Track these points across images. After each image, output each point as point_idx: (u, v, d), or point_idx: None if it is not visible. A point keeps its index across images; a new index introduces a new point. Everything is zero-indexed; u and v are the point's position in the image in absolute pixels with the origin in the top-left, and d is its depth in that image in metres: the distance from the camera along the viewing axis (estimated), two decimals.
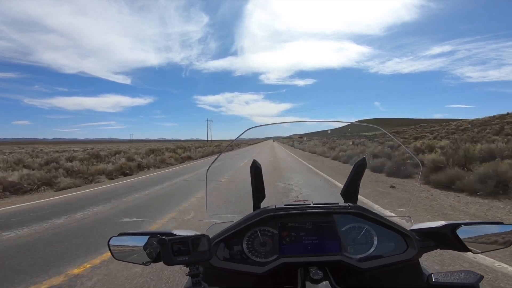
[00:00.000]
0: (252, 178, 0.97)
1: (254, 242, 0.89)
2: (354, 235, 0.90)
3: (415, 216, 4.46)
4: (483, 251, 0.85)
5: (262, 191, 1.00)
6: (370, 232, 0.90)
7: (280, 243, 0.88)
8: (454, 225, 0.83)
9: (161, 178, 10.19)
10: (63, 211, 5.45)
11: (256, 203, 1.00)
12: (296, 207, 0.91)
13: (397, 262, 0.85)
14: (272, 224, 0.90)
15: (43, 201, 6.71)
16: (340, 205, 0.92)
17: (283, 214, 0.89)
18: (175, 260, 0.71)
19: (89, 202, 6.19)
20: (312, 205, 0.92)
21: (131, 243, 0.82)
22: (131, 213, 5.15)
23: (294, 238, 0.88)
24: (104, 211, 5.34)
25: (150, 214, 5.04)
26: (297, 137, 41.79)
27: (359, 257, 0.87)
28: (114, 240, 0.83)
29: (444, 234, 0.84)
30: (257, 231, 0.90)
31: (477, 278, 0.72)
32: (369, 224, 0.90)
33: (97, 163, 12.63)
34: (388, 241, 0.89)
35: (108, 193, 7.34)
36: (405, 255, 0.86)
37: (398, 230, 0.88)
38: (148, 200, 6.31)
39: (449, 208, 4.97)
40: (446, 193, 6.20)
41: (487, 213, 4.62)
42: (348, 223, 0.90)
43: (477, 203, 5.18)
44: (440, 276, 0.75)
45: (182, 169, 13.46)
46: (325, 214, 0.90)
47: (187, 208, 5.32)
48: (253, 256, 0.88)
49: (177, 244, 0.71)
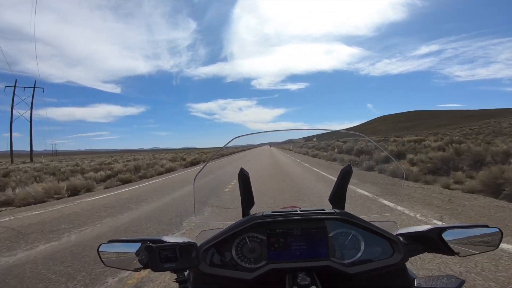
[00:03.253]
0: (240, 185, 0.98)
1: (243, 248, 0.90)
2: (342, 240, 0.91)
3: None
4: (469, 254, 0.86)
5: (251, 198, 1.01)
6: (357, 237, 0.91)
7: (268, 249, 0.89)
8: (440, 228, 0.85)
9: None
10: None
11: (245, 210, 1.01)
12: (284, 214, 0.92)
13: (384, 266, 0.86)
14: (261, 231, 0.91)
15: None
16: (326, 211, 0.94)
17: (271, 221, 0.91)
18: (162, 266, 0.71)
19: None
20: (299, 212, 0.93)
21: (122, 249, 0.82)
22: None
23: (283, 244, 0.89)
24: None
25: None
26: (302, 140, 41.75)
27: (346, 262, 0.88)
28: (104, 247, 0.83)
29: (431, 238, 0.86)
30: (246, 238, 0.90)
31: (459, 282, 0.74)
32: (355, 229, 0.91)
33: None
34: (375, 246, 0.91)
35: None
36: (392, 260, 0.87)
37: (384, 235, 0.90)
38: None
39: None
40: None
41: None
42: (335, 229, 0.92)
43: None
44: (423, 281, 0.77)
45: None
46: (312, 221, 0.91)
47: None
48: (242, 262, 0.89)
49: (164, 251, 0.72)
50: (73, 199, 8.46)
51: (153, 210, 6.27)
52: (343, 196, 1.01)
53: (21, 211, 7.00)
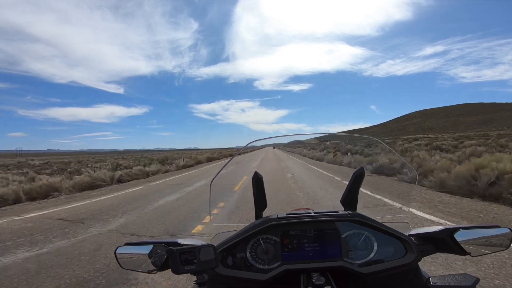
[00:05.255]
0: (254, 188, 1.00)
1: (257, 250, 0.91)
2: (354, 241, 0.92)
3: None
4: (481, 254, 0.87)
5: (264, 201, 1.03)
6: (369, 238, 0.92)
7: (282, 251, 0.90)
8: (452, 229, 0.86)
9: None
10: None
11: (258, 212, 1.02)
12: (297, 216, 0.94)
13: (397, 266, 0.87)
14: (274, 232, 0.92)
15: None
16: (339, 213, 0.95)
17: (284, 223, 0.92)
18: (183, 269, 0.73)
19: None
20: (313, 214, 0.95)
21: (137, 252, 0.84)
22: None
23: (296, 245, 0.91)
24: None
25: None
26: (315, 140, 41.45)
27: (359, 263, 0.89)
28: (121, 249, 0.85)
29: (442, 239, 0.87)
30: (260, 239, 0.92)
31: (474, 280, 0.75)
32: (368, 230, 0.93)
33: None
34: (388, 246, 0.92)
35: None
36: (404, 260, 0.88)
37: (396, 235, 0.91)
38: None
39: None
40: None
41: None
42: (348, 230, 0.93)
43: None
44: (438, 279, 0.78)
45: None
46: (325, 222, 0.93)
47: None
48: (257, 263, 0.90)
49: (185, 254, 0.74)
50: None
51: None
52: (355, 198, 1.02)
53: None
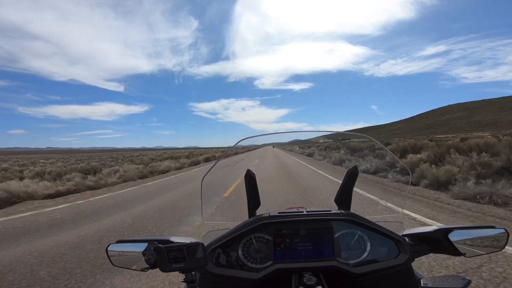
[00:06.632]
0: (246, 186, 0.99)
1: (250, 248, 0.91)
2: (347, 241, 0.91)
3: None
4: (475, 254, 0.86)
5: (257, 199, 1.02)
6: (363, 238, 0.92)
7: (274, 250, 0.89)
8: (446, 229, 0.85)
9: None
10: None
11: (252, 211, 1.01)
12: (290, 215, 0.93)
13: (390, 266, 0.86)
14: (267, 231, 0.91)
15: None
16: (332, 212, 0.94)
17: (276, 222, 0.91)
18: (171, 267, 0.73)
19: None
20: (305, 213, 0.94)
21: (130, 249, 0.83)
22: None
23: (289, 245, 0.90)
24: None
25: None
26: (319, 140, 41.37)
27: (352, 263, 0.88)
28: (113, 246, 0.84)
29: (437, 239, 0.86)
30: (252, 238, 0.91)
31: (465, 282, 0.74)
32: (361, 230, 0.92)
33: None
34: (381, 246, 0.91)
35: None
36: (398, 260, 0.87)
37: (390, 235, 0.90)
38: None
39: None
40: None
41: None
42: (341, 230, 0.92)
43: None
44: (429, 281, 0.77)
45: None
46: (318, 221, 0.92)
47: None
48: (249, 262, 0.90)
49: (173, 251, 0.74)
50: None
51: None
52: (349, 197, 1.01)
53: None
